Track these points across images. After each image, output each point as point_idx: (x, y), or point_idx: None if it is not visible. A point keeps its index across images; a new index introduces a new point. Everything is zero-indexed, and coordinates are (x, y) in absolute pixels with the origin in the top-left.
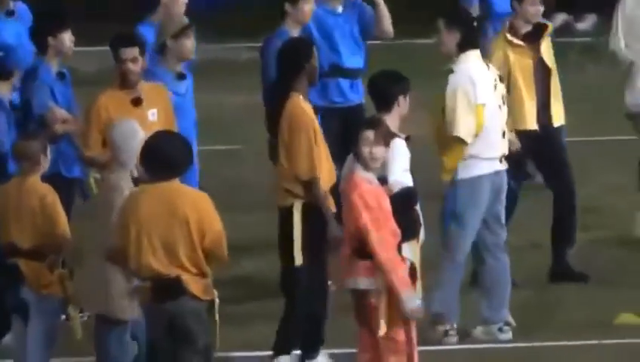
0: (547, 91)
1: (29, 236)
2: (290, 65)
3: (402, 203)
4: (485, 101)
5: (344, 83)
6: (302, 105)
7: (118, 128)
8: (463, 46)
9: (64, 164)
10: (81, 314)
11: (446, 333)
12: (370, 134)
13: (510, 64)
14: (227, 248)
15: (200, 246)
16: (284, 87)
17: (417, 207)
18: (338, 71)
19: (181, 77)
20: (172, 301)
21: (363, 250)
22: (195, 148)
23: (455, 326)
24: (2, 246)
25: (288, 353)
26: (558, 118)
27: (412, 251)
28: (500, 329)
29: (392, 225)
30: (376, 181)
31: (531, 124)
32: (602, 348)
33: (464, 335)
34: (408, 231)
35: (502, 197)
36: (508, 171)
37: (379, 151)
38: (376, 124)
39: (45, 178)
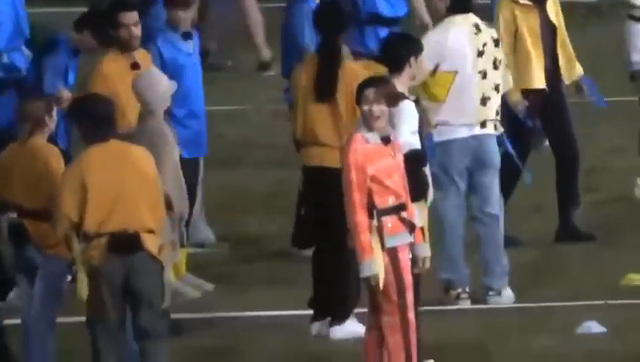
0: (554, 50)
1: (32, 196)
2: (338, 25)
3: (411, 164)
4: (457, 68)
5: (382, 31)
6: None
7: (142, 79)
8: (452, 9)
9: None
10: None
11: (458, 296)
12: (369, 92)
13: (517, 23)
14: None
15: (157, 200)
16: (335, 47)
17: (426, 169)
18: (376, 19)
19: (187, 36)
20: (127, 256)
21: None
22: (203, 109)
23: (467, 289)
24: (10, 205)
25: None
26: (569, 73)
27: (420, 212)
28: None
29: (381, 186)
30: (376, 139)
31: (539, 82)
32: (609, 309)
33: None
34: (417, 193)
35: (488, 162)
36: (507, 138)
37: (378, 109)
38: (376, 81)
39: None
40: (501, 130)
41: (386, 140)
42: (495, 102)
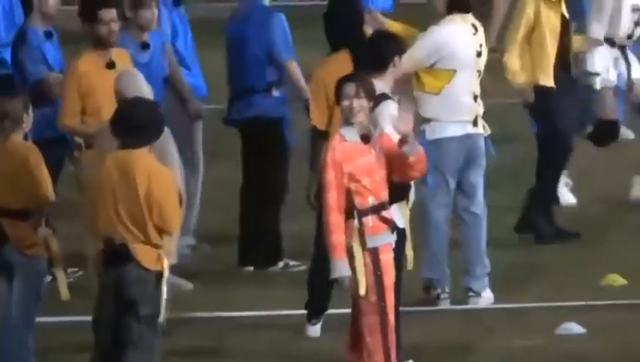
0: (566, 44)
1: (12, 196)
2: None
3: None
4: (457, 67)
5: None
6: None
7: (123, 79)
8: (450, 8)
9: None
10: (67, 275)
11: (438, 297)
12: (350, 88)
13: (542, 21)
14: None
15: (149, 216)
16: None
17: None
18: None
19: (145, 47)
20: (118, 267)
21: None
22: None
23: (447, 289)
24: None
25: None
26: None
27: (402, 213)
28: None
29: (360, 185)
30: (355, 138)
31: (550, 81)
32: (590, 309)
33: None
34: (397, 193)
35: (477, 161)
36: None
37: (358, 103)
38: (356, 78)
39: (40, 142)
40: (489, 131)
41: (365, 139)
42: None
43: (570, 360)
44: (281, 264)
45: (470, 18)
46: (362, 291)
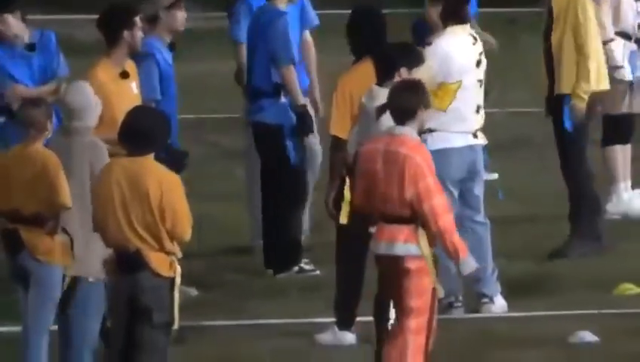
0: None
1: (29, 202)
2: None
3: None
4: (461, 78)
5: None
6: None
7: (76, 91)
8: (445, 19)
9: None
10: None
11: (450, 305)
12: (418, 98)
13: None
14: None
15: (162, 224)
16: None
17: None
18: None
19: (172, 47)
20: (131, 275)
21: (406, 216)
22: (176, 118)
23: (460, 298)
24: (4, 212)
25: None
26: None
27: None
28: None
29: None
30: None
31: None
32: (602, 318)
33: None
34: None
35: (479, 172)
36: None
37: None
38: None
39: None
40: (486, 141)
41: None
42: (483, 110)
43: None
44: (295, 268)
45: (468, 28)
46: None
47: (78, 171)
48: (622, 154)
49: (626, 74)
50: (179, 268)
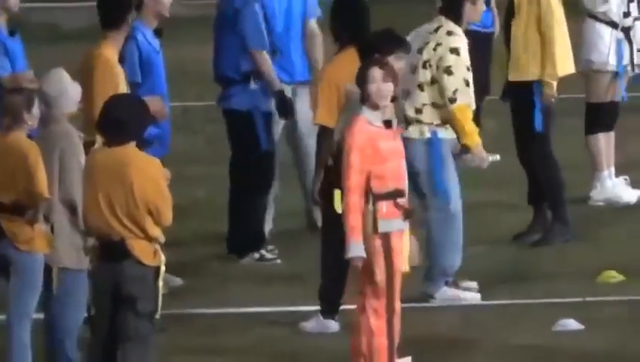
0: None
1: (9, 191)
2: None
3: None
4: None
5: None
6: None
7: (52, 79)
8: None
9: None
10: None
11: (446, 283)
12: (377, 72)
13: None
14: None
15: (145, 210)
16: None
17: None
18: None
19: (159, 33)
20: (115, 263)
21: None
22: (168, 104)
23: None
24: None
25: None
26: None
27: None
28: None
29: (380, 169)
30: (378, 122)
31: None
32: (587, 305)
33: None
34: None
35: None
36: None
37: (386, 88)
38: (383, 62)
39: None
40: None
41: (388, 124)
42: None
43: (567, 356)
44: (256, 255)
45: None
46: (378, 276)
47: (49, 159)
48: (605, 141)
49: (611, 62)
50: (163, 257)
